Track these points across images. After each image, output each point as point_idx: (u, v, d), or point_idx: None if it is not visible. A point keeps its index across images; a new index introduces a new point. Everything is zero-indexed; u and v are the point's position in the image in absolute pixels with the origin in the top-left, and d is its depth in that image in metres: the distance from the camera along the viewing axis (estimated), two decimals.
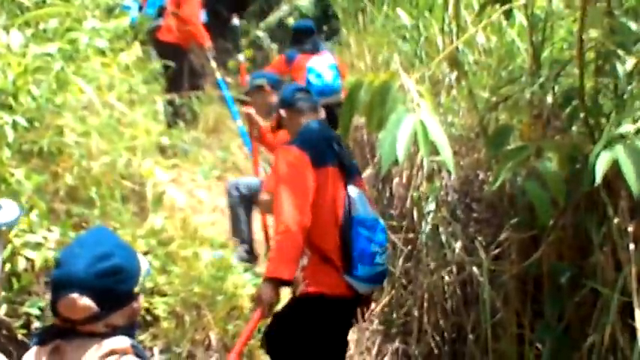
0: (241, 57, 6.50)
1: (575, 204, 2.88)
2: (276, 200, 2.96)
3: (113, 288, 1.75)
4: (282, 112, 3.39)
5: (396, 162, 2.07)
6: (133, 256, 1.86)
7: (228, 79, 7.38)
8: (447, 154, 1.99)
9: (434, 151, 2.11)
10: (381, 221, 3.19)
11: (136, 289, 1.81)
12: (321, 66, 5.76)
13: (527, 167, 2.86)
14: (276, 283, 2.88)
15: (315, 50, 5.92)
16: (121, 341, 1.75)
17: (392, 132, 1.99)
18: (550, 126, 3.07)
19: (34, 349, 1.78)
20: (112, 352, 1.72)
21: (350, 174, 3.17)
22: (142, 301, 1.88)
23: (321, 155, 3.06)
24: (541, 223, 2.86)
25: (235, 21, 6.95)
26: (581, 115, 2.90)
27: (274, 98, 4.05)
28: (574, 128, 3.07)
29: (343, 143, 3.27)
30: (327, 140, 3.14)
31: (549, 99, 3.12)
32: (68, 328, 1.75)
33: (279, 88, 4.23)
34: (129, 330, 1.81)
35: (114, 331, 1.77)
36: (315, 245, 3.04)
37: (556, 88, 3.13)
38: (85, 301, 1.70)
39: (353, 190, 3.09)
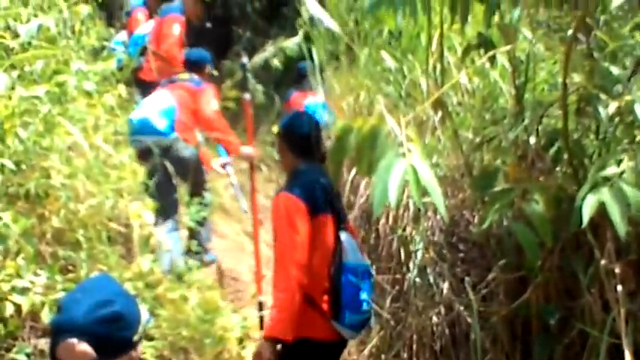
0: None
1: (561, 245, 2.91)
2: (278, 252, 2.99)
3: (112, 335, 1.77)
4: (282, 142, 3.25)
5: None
6: (134, 304, 1.88)
7: None
8: (438, 199, 2.02)
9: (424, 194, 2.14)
10: (370, 268, 3.20)
11: (135, 338, 1.82)
12: (316, 104, 6.03)
13: (513, 209, 2.90)
14: (277, 341, 2.90)
15: (310, 89, 6.31)
16: None
17: (383, 177, 2.01)
18: (535, 167, 3.12)
19: None
20: None
21: (341, 219, 3.19)
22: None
23: (318, 204, 3.06)
24: (529, 265, 2.89)
25: (244, 59, 6.95)
26: (565, 156, 2.95)
27: None
28: (558, 169, 3.12)
29: (334, 188, 3.28)
30: (323, 187, 3.12)
31: (533, 140, 3.18)
32: None
33: None
34: None
35: None
36: (303, 289, 3.04)
37: (539, 129, 3.19)
38: (84, 347, 1.72)
39: (344, 237, 3.11)
